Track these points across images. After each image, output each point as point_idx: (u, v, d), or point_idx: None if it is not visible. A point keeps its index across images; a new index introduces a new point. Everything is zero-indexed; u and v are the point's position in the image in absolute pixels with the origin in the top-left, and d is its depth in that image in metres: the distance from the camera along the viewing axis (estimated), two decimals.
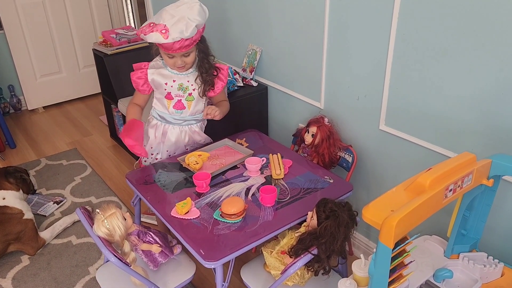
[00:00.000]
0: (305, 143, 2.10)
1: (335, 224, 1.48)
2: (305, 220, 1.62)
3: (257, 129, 2.34)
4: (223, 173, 1.91)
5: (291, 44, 2.27)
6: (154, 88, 1.99)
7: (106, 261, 1.82)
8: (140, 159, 2.17)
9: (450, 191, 1.19)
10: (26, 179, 2.51)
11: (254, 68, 2.55)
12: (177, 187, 1.82)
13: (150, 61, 2.00)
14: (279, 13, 2.27)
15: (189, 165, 1.92)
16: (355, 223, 1.56)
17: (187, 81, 1.96)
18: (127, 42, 3.23)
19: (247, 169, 1.92)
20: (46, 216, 2.65)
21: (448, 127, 1.67)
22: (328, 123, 2.05)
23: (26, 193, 2.51)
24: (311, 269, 1.54)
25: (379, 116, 1.92)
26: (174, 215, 1.65)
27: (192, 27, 1.75)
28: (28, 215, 2.36)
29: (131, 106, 2.06)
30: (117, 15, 4.28)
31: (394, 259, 1.16)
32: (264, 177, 1.88)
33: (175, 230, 1.60)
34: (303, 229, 1.61)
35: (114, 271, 1.73)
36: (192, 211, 1.66)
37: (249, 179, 1.87)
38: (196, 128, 2.09)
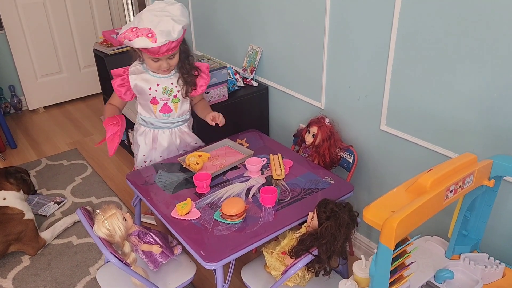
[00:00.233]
0: (306, 143, 2.10)
1: (335, 225, 1.48)
2: (306, 221, 1.61)
3: (258, 129, 2.34)
4: (224, 173, 1.91)
5: (291, 44, 2.27)
6: (137, 94, 1.96)
7: (107, 262, 1.82)
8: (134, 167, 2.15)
9: (451, 192, 1.18)
10: (26, 179, 2.51)
11: (255, 68, 2.54)
12: (178, 188, 1.82)
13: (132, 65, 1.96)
14: (279, 13, 2.27)
15: (189, 165, 1.92)
16: (356, 223, 1.56)
17: (171, 83, 1.95)
18: None
19: (247, 169, 1.91)
20: (46, 216, 2.65)
21: (449, 127, 1.67)
22: (328, 123, 2.05)
23: (26, 193, 2.52)
24: (311, 269, 1.54)
25: (380, 116, 1.92)
26: (174, 216, 1.65)
27: (179, 28, 1.74)
28: (28, 215, 2.36)
29: (110, 106, 2.01)
30: (117, 15, 4.28)
31: (395, 260, 1.16)
32: (265, 177, 1.88)
33: (175, 231, 1.59)
34: (303, 230, 1.61)
35: (114, 271, 1.73)
36: (193, 211, 1.66)
37: (249, 179, 1.86)
38: (185, 128, 2.08)
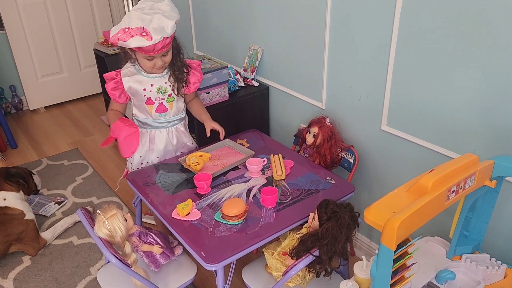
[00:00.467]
0: (307, 143, 2.09)
1: (336, 226, 1.47)
2: (307, 221, 1.61)
3: (258, 129, 2.33)
4: (224, 174, 1.91)
5: (292, 44, 2.26)
6: (132, 96, 1.96)
7: (107, 262, 1.81)
8: (127, 170, 2.14)
9: (453, 192, 1.18)
10: (23, 184, 2.46)
11: (255, 68, 2.54)
12: (178, 188, 1.82)
13: (130, 67, 1.95)
14: (280, 13, 2.26)
15: (190, 166, 1.92)
16: (357, 224, 1.56)
17: (165, 82, 1.94)
18: None
19: (248, 170, 1.91)
20: (47, 216, 2.65)
21: (450, 127, 1.66)
22: (329, 124, 2.05)
23: (27, 194, 2.51)
24: (312, 270, 1.53)
25: (381, 116, 1.91)
26: (175, 217, 1.64)
27: (171, 24, 1.74)
28: (29, 215, 2.36)
29: (112, 112, 2.01)
30: (118, 15, 4.27)
31: (396, 261, 1.15)
32: (265, 178, 1.87)
33: (176, 231, 1.59)
34: (304, 231, 1.61)
35: (115, 272, 1.73)
36: (193, 212, 1.65)
37: (250, 180, 1.86)
38: (181, 127, 2.07)
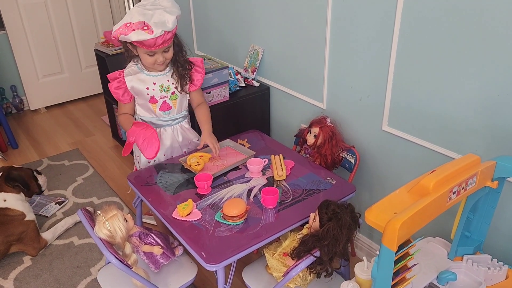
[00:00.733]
0: (307, 143, 2.09)
1: (337, 226, 1.47)
2: (307, 222, 1.61)
3: (259, 129, 2.33)
4: (225, 174, 1.90)
5: (293, 44, 2.26)
6: (135, 95, 1.96)
7: (108, 263, 1.81)
8: (135, 169, 2.13)
9: (454, 193, 1.17)
10: (23, 188, 2.42)
11: (256, 68, 2.54)
12: (179, 189, 1.81)
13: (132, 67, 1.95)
14: (281, 13, 2.26)
15: (190, 166, 1.91)
16: (358, 225, 1.55)
17: (167, 80, 1.95)
18: None
19: (248, 170, 1.91)
20: (48, 216, 2.65)
21: (451, 128, 1.66)
22: (330, 124, 2.04)
23: (28, 196, 2.49)
24: (313, 271, 1.53)
25: (382, 116, 1.91)
26: (175, 217, 1.64)
27: (172, 18, 1.75)
28: (29, 216, 2.35)
29: (123, 116, 2.00)
30: (119, 15, 4.27)
31: (397, 262, 1.15)
32: (266, 178, 1.87)
33: (176, 232, 1.59)
34: (305, 231, 1.60)
35: (115, 272, 1.73)
36: (194, 212, 1.65)
37: (250, 180, 1.86)
38: (185, 124, 2.08)
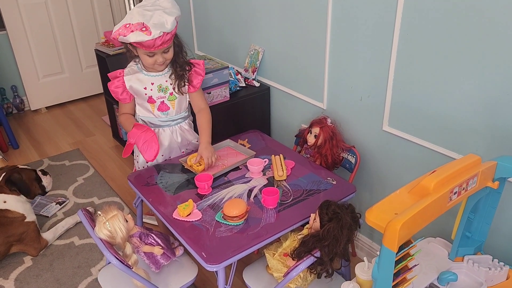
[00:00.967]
0: (308, 144, 2.09)
1: (338, 227, 1.47)
2: (308, 222, 1.61)
3: (259, 129, 2.33)
4: (225, 174, 1.90)
5: (293, 44, 2.25)
6: (134, 95, 1.96)
7: (108, 263, 1.81)
8: (135, 169, 2.12)
9: (455, 194, 1.17)
10: (22, 190, 2.39)
11: (257, 68, 2.54)
12: (179, 189, 1.81)
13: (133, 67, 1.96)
14: (281, 13, 2.26)
15: (191, 166, 1.91)
16: (358, 225, 1.55)
17: (165, 81, 1.95)
18: None
19: (249, 170, 1.90)
20: (48, 217, 2.65)
21: (452, 128, 1.66)
22: (331, 124, 2.04)
23: (30, 198, 2.45)
24: (313, 271, 1.53)
25: (382, 116, 1.90)
26: (176, 217, 1.64)
27: (171, 20, 1.74)
28: (30, 217, 2.35)
29: (124, 116, 2.01)
30: (119, 15, 4.27)
31: (398, 262, 1.15)
32: (266, 178, 1.87)
33: (177, 232, 1.59)
34: (305, 231, 1.60)
35: (116, 272, 1.72)
36: (194, 213, 1.65)
37: (251, 180, 1.86)
38: (185, 126, 2.07)
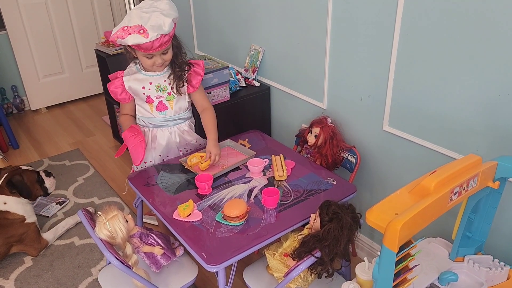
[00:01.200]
0: (308, 144, 2.08)
1: (338, 227, 1.47)
2: (308, 222, 1.60)
3: (260, 129, 2.33)
4: (225, 174, 1.90)
5: (293, 44, 2.25)
6: (133, 95, 1.97)
7: (108, 263, 1.81)
8: (133, 170, 2.12)
9: (455, 194, 1.17)
10: (22, 193, 2.36)
11: (257, 68, 2.53)
12: (179, 189, 1.81)
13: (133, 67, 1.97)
14: (281, 13, 2.26)
15: (191, 166, 1.91)
16: (359, 225, 1.55)
17: (164, 81, 1.95)
18: None
19: (249, 170, 1.90)
20: (49, 217, 2.65)
21: (452, 128, 1.65)
22: (331, 124, 2.04)
23: (31, 200, 2.43)
24: (314, 271, 1.53)
25: (382, 116, 1.90)
26: (176, 218, 1.64)
27: (169, 21, 1.75)
28: (30, 219, 2.34)
29: (123, 117, 2.03)
30: (119, 15, 4.27)
31: (399, 262, 1.15)
32: (267, 178, 1.87)
33: (177, 232, 1.59)
34: (306, 232, 1.60)
35: (116, 273, 1.72)
36: (194, 213, 1.65)
37: (251, 180, 1.85)
38: (185, 127, 2.06)
